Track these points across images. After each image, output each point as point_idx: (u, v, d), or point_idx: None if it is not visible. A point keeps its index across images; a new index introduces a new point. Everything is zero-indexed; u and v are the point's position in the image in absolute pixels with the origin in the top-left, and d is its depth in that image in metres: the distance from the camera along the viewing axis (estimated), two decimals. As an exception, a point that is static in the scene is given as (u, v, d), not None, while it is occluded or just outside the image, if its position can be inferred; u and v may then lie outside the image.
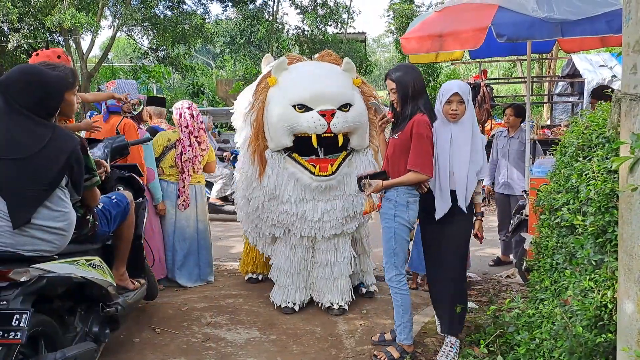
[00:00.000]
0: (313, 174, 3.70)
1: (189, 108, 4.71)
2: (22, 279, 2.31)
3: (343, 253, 3.99)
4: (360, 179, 3.25)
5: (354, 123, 3.72)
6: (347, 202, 3.84)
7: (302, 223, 3.81)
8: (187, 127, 4.65)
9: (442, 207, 3.21)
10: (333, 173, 3.72)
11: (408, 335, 3.25)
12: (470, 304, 4.25)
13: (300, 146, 3.77)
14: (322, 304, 4.05)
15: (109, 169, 3.07)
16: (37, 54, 3.60)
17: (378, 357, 3.27)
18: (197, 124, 4.71)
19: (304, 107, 3.64)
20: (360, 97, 3.86)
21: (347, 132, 3.71)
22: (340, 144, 3.71)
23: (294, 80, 3.80)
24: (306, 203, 3.78)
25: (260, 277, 4.81)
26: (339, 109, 3.66)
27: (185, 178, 4.64)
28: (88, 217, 2.78)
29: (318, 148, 3.80)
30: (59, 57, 3.49)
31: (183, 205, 4.65)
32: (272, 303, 4.14)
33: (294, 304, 4.03)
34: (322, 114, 3.59)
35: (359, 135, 3.81)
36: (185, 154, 4.62)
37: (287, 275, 4.01)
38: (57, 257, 2.54)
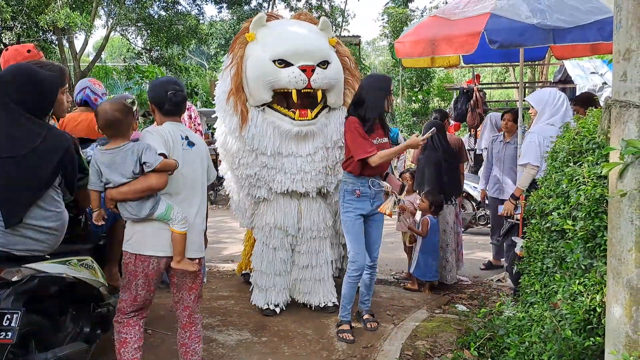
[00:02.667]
0: (293, 119, 3.75)
1: (187, 109, 4.71)
2: (14, 279, 2.31)
3: (324, 255, 4.02)
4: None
5: (332, 80, 3.81)
6: (327, 153, 3.90)
7: (282, 176, 3.82)
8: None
9: None
10: (313, 118, 3.79)
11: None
12: (461, 307, 4.28)
13: (279, 101, 3.84)
14: (311, 305, 4.07)
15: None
16: (6, 50, 3.58)
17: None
18: (195, 125, 4.71)
19: (284, 63, 3.69)
20: (336, 57, 3.96)
21: (325, 88, 3.79)
22: (319, 100, 3.80)
23: (274, 36, 3.84)
24: (285, 157, 3.81)
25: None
26: (318, 65, 3.73)
27: None
28: (80, 217, 2.77)
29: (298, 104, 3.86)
30: (28, 51, 3.46)
31: None
32: (254, 305, 4.13)
33: (275, 305, 4.04)
34: (303, 69, 3.65)
35: (336, 93, 3.90)
36: None
37: (269, 277, 4.01)
38: (49, 256, 2.53)
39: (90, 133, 3.64)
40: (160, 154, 2.51)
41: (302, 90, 3.70)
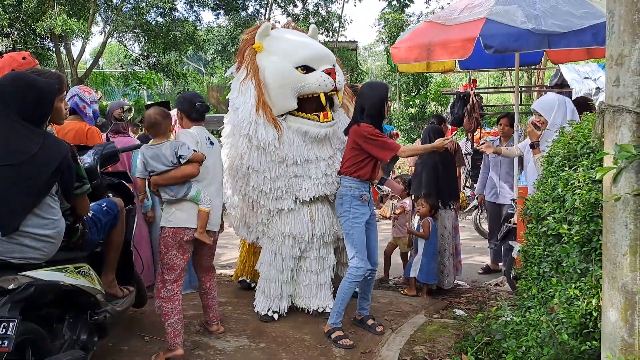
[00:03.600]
0: (319, 122, 3.82)
1: None
2: (10, 287, 2.30)
3: (328, 260, 4.06)
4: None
5: (344, 81, 4.01)
6: (341, 154, 3.97)
7: (309, 182, 3.85)
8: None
9: None
10: (333, 119, 3.91)
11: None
12: (459, 312, 4.28)
13: (300, 107, 3.88)
14: (310, 310, 4.07)
15: None
16: (1, 57, 3.57)
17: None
18: None
19: (306, 69, 3.75)
20: None
21: (341, 89, 3.94)
22: (340, 100, 3.97)
23: (288, 44, 3.90)
24: (311, 163, 3.85)
25: (252, 285, 4.79)
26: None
27: None
28: (77, 225, 2.77)
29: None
30: (24, 58, 3.46)
31: None
32: (252, 311, 4.13)
33: (274, 312, 4.03)
34: (328, 72, 3.74)
35: (340, 93, 4.01)
36: None
37: (277, 285, 4.01)
38: (45, 264, 2.53)
39: (78, 142, 3.65)
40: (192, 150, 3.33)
41: (329, 93, 3.79)
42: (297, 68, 3.74)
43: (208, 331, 3.76)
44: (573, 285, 2.41)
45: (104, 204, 3.12)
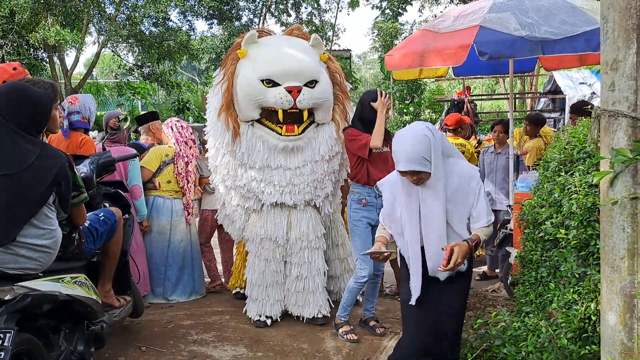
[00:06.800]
0: (279, 134, 3.84)
1: (177, 121, 4.90)
2: (6, 298, 2.28)
3: (315, 266, 4.05)
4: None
5: (319, 99, 3.89)
6: (316, 167, 3.97)
7: (272, 188, 3.90)
8: (181, 137, 4.79)
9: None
10: (300, 134, 3.88)
11: None
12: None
13: (268, 116, 3.91)
14: (304, 318, 4.06)
15: None
16: None
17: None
18: (188, 134, 4.86)
19: (271, 82, 3.77)
20: (326, 74, 4.03)
21: (312, 107, 3.88)
22: (304, 118, 3.91)
23: (263, 55, 3.92)
24: (274, 170, 3.89)
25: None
26: (305, 85, 3.80)
27: (190, 187, 4.75)
28: (74, 234, 2.76)
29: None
30: (14, 69, 3.47)
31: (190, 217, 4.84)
32: (248, 319, 4.13)
33: (267, 317, 4.03)
34: (289, 90, 3.73)
35: (324, 111, 4.00)
36: (191, 162, 4.77)
37: (260, 289, 4.04)
38: (42, 274, 2.51)
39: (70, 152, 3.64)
40: None
41: (288, 110, 3.80)
42: (262, 81, 3.78)
43: (226, 288, 5.00)
44: (571, 290, 2.41)
45: (101, 214, 3.11)
